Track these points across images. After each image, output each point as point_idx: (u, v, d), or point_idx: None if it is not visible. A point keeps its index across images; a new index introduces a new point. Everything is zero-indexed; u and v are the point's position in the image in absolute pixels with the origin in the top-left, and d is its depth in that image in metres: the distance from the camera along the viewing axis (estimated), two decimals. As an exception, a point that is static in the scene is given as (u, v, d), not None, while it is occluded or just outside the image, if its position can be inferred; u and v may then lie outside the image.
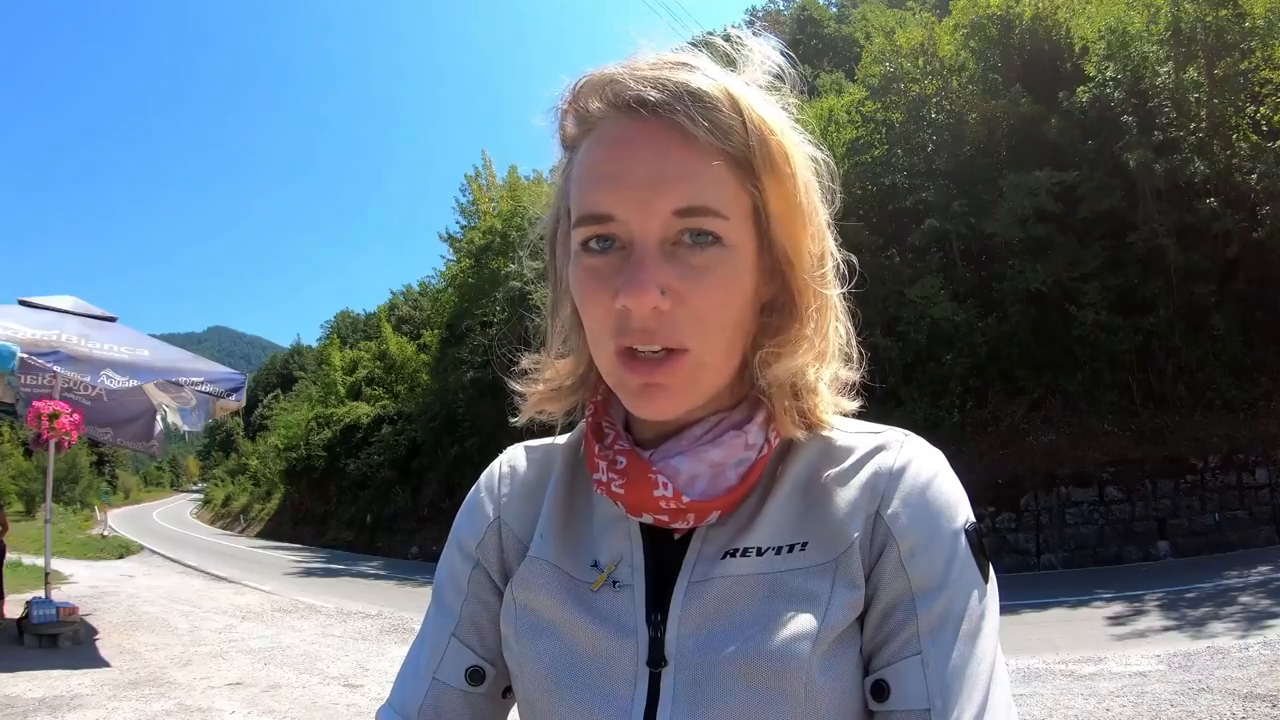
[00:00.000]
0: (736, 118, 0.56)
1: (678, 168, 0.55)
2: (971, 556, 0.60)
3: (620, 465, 0.62)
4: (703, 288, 0.56)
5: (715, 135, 0.55)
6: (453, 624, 0.70)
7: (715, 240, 0.56)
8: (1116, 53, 12.80)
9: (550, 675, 0.62)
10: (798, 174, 0.59)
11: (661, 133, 0.56)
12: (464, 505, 0.74)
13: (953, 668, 0.56)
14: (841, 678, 0.58)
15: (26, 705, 4.59)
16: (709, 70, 0.57)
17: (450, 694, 0.68)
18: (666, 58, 0.58)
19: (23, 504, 37.51)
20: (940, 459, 0.63)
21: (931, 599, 0.58)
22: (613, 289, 0.56)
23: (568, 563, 0.65)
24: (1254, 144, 11.69)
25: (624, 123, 0.57)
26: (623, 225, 0.56)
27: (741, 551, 0.61)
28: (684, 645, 0.59)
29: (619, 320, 0.57)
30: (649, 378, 0.57)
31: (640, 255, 0.56)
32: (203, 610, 9.41)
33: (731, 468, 0.61)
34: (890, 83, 14.94)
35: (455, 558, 0.72)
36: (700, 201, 0.55)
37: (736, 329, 0.59)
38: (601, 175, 0.57)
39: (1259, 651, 5.16)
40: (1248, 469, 10.42)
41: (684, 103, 0.55)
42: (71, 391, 7.17)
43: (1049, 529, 11.08)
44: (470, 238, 22.53)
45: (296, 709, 4.91)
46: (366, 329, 42.99)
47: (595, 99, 0.59)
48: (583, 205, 0.58)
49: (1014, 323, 12.61)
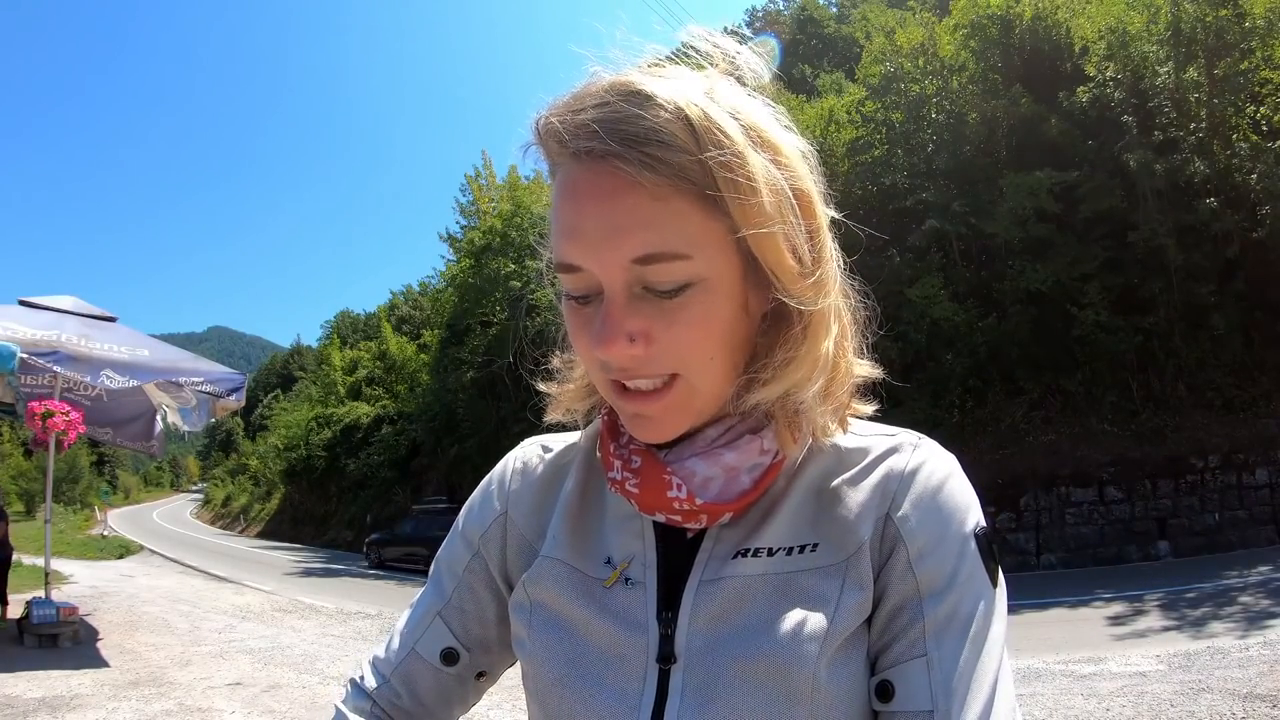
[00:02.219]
0: (691, 144, 0.52)
1: (629, 217, 0.53)
2: (980, 560, 0.60)
3: (635, 464, 0.62)
4: (677, 327, 0.55)
5: (668, 175, 0.52)
6: (441, 604, 0.74)
7: (683, 285, 0.54)
8: (1116, 53, 12.82)
9: (562, 670, 0.62)
10: (759, 183, 0.54)
11: (606, 181, 0.53)
12: (475, 494, 0.76)
13: (958, 671, 0.56)
14: (848, 679, 0.58)
15: (26, 705, 4.59)
16: (659, 90, 0.53)
17: (423, 667, 0.73)
18: (619, 83, 0.54)
19: (23, 504, 37.54)
20: (953, 462, 0.63)
21: (939, 601, 0.58)
22: (592, 334, 0.57)
23: (580, 560, 0.66)
24: (1254, 144, 11.70)
25: (576, 169, 0.55)
26: (589, 275, 0.56)
27: (753, 551, 0.61)
28: (694, 643, 0.60)
29: (602, 362, 0.57)
30: (640, 408, 0.58)
31: (607, 306, 0.56)
32: (203, 610, 9.42)
33: (746, 472, 0.61)
34: (890, 83, 14.95)
35: (458, 543, 0.75)
36: (657, 248, 0.53)
37: (726, 350, 0.58)
38: (563, 227, 0.57)
39: (1259, 651, 5.16)
40: (1248, 469, 10.43)
41: (629, 147, 0.52)
42: (71, 391, 7.16)
43: (1049, 529, 11.09)
44: (470, 238, 22.53)
45: (296, 709, 4.91)
46: (366, 329, 43.02)
47: (550, 138, 0.57)
48: (555, 252, 0.58)
49: (1014, 323, 12.61)
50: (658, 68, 0.58)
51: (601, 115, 0.53)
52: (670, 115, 0.52)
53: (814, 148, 0.61)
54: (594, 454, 0.71)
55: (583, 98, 0.55)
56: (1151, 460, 10.93)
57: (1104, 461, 11.22)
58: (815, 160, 0.61)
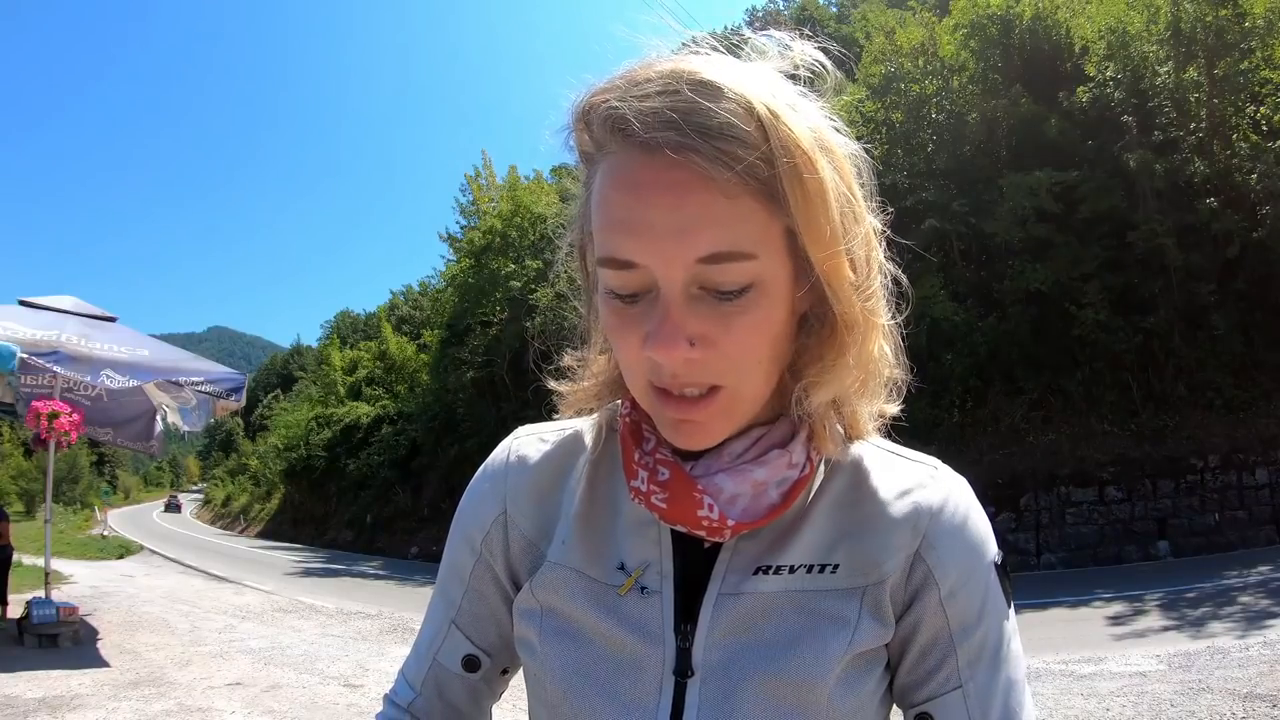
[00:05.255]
0: (761, 142, 0.50)
1: (699, 212, 0.50)
2: (1000, 586, 0.63)
3: (662, 477, 0.60)
4: (735, 332, 0.53)
5: (738, 170, 0.49)
6: (453, 612, 0.72)
7: (747, 286, 0.52)
8: (1116, 53, 12.82)
9: (574, 679, 0.61)
10: (829, 191, 0.52)
11: (677, 173, 0.50)
12: (469, 491, 0.74)
13: (992, 694, 0.61)
14: (861, 697, 0.60)
15: (26, 705, 4.58)
16: (727, 82, 0.50)
17: (448, 676, 0.72)
18: (679, 69, 0.51)
19: (23, 504, 37.54)
20: (969, 491, 0.65)
21: (969, 634, 0.61)
22: (641, 334, 0.53)
23: (591, 566, 0.64)
24: (1254, 144, 11.69)
25: (637, 160, 0.51)
26: (646, 271, 0.53)
27: (774, 569, 0.60)
28: (710, 657, 0.59)
29: (651, 365, 0.54)
30: (683, 414, 0.55)
31: (666, 305, 0.52)
32: (203, 610, 9.41)
33: (774, 487, 0.60)
34: (890, 83, 14.96)
35: (461, 548, 0.72)
36: (726, 246, 0.51)
37: (774, 354, 0.57)
38: (619, 220, 0.53)
39: (1259, 651, 5.15)
40: (1248, 469, 10.43)
41: (699, 140, 0.49)
42: (71, 391, 7.16)
43: (1049, 529, 11.09)
44: (470, 238, 22.53)
45: (296, 709, 4.91)
46: (366, 329, 43.06)
47: (601, 124, 0.53)
48: (604, 246, 0.54)
49: (1014, 323, 12.61)
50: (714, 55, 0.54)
51: (673, 104, 0.50)
52: (743, 111, 0.50)
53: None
54: (604, 453, 0.68)
55: (642, 83, 0.52)
56: (1151, 460, 10.93)
57: (1104, 461, 11.21)
58: (866, 165, 0.59)
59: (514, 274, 19.29)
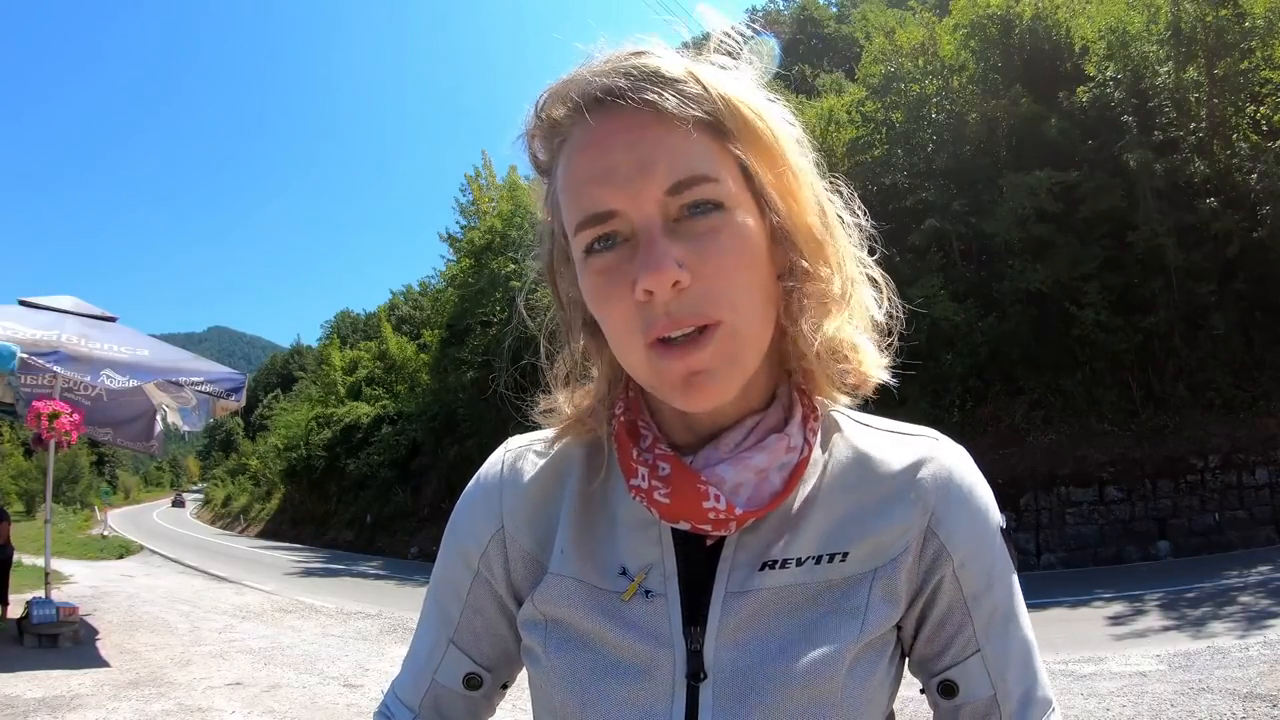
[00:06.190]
0: (700, 88, 0.56)
1: (657, 146, 0.55)
2: (1005, 549, 0.65)
3: (663, 472, 0.60)
4: (714, 253, 0.55)
5: (686, 104, 0.55)
6: (451, 630, 0.71)
7: (714, 206, 0.55)
8: (1116, 53, 12.81)
9: (583, 688, 0.60)
10: (775, 129, 0.58)
11: (633, 117, 0.55)
12: (462, 502, 0.72)
13: (1008, 655, 0.63)
14: (873, 679, 0.60)
15: (26, 705, 4.58)
16: (663, 53, 0.58)
17: (449, 695, 0.71)
18: (620, 51, 0.58)
19: (23, 504, 37.53)
20: (971, 461, 0.66)
21: (982, 601, 0.63)
22: (629, 280, 0.55)
23: (592, 574, 0.63)
24: (1254, 144, 11.69)
25: (596, 119, 0.56)
26: (622, 218, 0.55)
27: (780, 563, 0.60)
28: (722, 658, 0.59)
29: (643, 313, 0.55)
30: (690, 363, 0.55)
31: (648, 239, 0.54)
32: (203, 610, 9.41)
33: (775, 471, 0.60)
34: (890, 82, 14.95)
35: (456, 564, 0.71)
36: (687, 172, 0.55)
37: (761, 293, 0.58)
38: (588, 176, 0.56)
39: (1259, 651, 5.15)
40: (1248, 469, 10.42)
41: (647, 82, 0.55)
42: (71, 391, 7.16)
43: (1049, 529, 11.08)
44: (470, 238, 22.54)
45: (296, 709, 4.91)
46: (366, 329, 43.03)
47: (559, 106, 0.58)
48: (578, 209, 0.56)
49: (1014, 323, 12.61)
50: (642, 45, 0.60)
51: (623, 67, 0.56)
52: (685, 71, 0.57)
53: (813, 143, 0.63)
54: (594, 457, 0.67)
55: (589, 63, 0.58)
56: (1151, 460, 10.92)
57: (1104, 461, 11.21)
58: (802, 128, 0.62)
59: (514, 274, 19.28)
